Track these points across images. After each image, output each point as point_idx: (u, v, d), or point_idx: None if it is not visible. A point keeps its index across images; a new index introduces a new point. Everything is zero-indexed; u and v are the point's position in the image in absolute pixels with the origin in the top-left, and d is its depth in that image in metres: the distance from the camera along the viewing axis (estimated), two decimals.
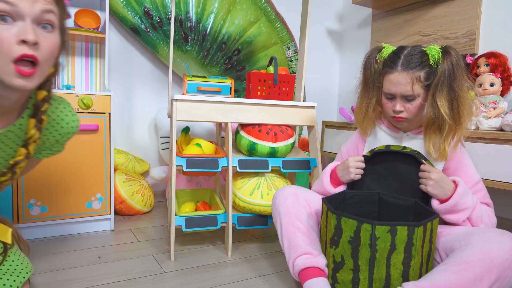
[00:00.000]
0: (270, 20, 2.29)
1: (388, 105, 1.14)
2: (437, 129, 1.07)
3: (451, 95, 1.04)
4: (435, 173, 1.02)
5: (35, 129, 0.87)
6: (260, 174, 1.53)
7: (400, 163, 1.13)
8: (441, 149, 1.07)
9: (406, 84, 1.07)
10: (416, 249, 0.91)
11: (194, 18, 2.07)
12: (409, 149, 1.11)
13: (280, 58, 2.34)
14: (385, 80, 1.12)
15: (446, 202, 1.02)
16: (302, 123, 1.58)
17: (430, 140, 1.09)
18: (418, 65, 1.07)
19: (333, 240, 0.99)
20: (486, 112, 1.61)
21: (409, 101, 1.09)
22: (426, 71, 1.07)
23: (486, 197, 1.11)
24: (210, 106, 1.45)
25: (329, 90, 2.81)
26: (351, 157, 1.17)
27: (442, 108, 1.03)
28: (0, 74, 0.70)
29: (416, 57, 1.08)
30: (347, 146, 1.34)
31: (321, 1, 2.67)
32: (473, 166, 1.13)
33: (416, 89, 1.07)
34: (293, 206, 1.13)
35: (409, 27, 2.25)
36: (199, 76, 1.53)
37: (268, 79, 1.57)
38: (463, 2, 1.96)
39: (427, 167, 1.04)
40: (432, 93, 1.06)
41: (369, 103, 1.21)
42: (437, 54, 1.07)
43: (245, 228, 1.47)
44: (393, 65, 1.10)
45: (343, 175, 1.18)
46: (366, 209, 1.15)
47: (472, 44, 1.92)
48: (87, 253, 1.40)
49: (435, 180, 1.02)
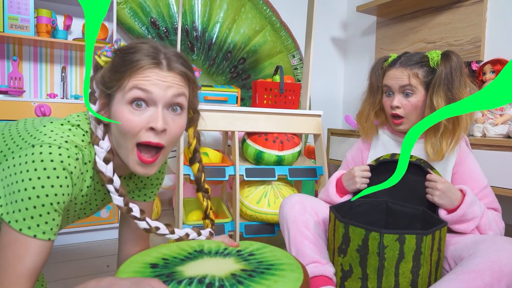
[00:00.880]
0: (275, 28, 2.32)
1: (387, 103, 1.17)
2: (435, 130, 1.09)
3: (449, 97, 1.06)
4: (441, 183, 1.02)
5: (205, 200, 0.94)
6: (267, 182, 1.54)
7: (406, 172, 1.12)
8: (438, 149, 1.09)
9: (403, 77, 1.11)
10: (424, 258, 0.90)
11: (200, 27, 2.10)
12: (415, 157, 1.11)
13: (285, 66, 2.36)
14: (385, 77, 1.17)
15: (454, 212, 1.01)
16: (308, 131, 1.59)
17: (429, 141, 1.11)
18: (417, 63, 1.12)
19: (341, 248, 0.99)
20: (493, 119, 1.61)
21: (406, 97, 1.12)
22: (425, 70, 1.11)
23: (494, 202, 1.11)
24: (217, 115, 1.46)
25: (334, 98, 2.82)
26: (356, 167, 1.17)
27: (438, 109, 1.04)
28: (126, 160, 0.74)
29: (416, 57, 1.13)
30: (352, 153, 1.35)
31: (326, 9, 2.69)
32: (481, 171, 1.12)
33: (413, 82, 1.10)
34: (301, 215, 1.13)
35: (413, 34, 2.25)
36: (206, 86, 1.54)
37: (274, 88, 1.59)
38: (467, 9, 1.97)
39: (433, 177, 1.04)
40: (430, 94, 1.09)
41: (371, 108, 1.24)
42: (437, 56, 1.11)
43: (253, 236, 1.47)
44: (393, 63, 1.16)
45: (348, 185, 1.18)
46: (374, 217, 1.15)
47: (478, 51, 1.92)
48: (95, 261, 1.41)
49: (442, 190, 1.01)
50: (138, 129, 0.70)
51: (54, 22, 1.71)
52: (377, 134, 1.27)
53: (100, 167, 0.73)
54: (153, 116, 0.70)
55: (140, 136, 0.70)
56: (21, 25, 1.59)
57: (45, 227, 0.67)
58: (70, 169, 0.67)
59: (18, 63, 1.77)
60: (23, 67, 1.79)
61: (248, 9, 2.22)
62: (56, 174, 0.65)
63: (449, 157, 1.11)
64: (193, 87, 0.78)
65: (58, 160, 0.66)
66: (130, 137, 0.71)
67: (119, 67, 0.71)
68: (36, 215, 0.65)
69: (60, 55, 1.86)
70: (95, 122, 0.75)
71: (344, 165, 1.36)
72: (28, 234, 0.65)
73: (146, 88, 0.69)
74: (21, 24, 1.59)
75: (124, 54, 0.72)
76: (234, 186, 1.46)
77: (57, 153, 0.66)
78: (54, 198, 0.66)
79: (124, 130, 0.70)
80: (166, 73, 0.71)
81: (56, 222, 0.68)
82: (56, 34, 1.72)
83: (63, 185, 0.67)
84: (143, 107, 0.70)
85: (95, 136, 0.74)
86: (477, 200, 1.03)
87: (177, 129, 0.74)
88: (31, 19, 1.61)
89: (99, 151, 0.73)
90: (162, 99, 0.70)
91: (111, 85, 0.71)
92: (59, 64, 1.86)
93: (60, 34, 1.72)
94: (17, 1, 1.57)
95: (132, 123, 0.69)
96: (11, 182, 0.65)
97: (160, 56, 0.72)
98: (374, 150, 1.26)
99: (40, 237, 0.66)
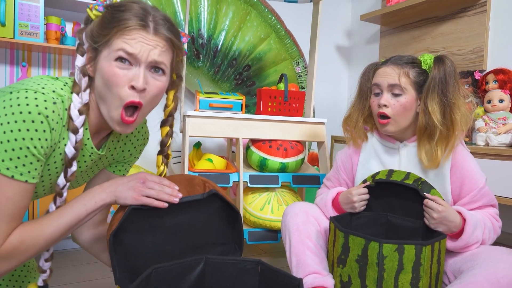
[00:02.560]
0: (280, 36, 2.34)
1: (374, 103, 1.12)
2: (429, 136, 1.06)
3: (443, 101, 1.03)
4: (436, 212, 0.98)
5: (163, 165, 0.92)
6: (271, 189, 1.55)
7: (404, 188, 1.07)
8: (433, 157, 1.05)
9: (393, 75, 1.08)
10: (424, 270, 0.90)
11: (205, 35, 2.13)
12: (412, 178, 1.07)
13: (290, 73, 2.38)
14: (374, 76, 1.13)
15: (456, 242, 0.99)
16: (312, 139, 1.60)
17: (423, 147, 1.07)
18: (408, 63, 1.08)
19: (340, 259, 0.98)
20: (496, 128, 1.62)
21: (395, 97, 1.08)
22: (416, 70, 1.08)
23: (492, 199, 1.08)
24: (221, 122, 1.48)
25: (337, 105, 2.84)
26: (354, 190, 1.11)
27: (433, 114, 1.03)
28: (106, 116, 0.77)
29: (407, 57, 1.10)
30: (342, 158, 1.29)
31: (330, 17, 2.72)
32: (478, 168, 1.08)
33: (403, 82, 1.07)
34: (303, 224, 1.12)
35: (417, 43, 2.27)
36: (211, 93, 1.56)
37: (279, 95, 1.61)
38: (470, 19, 1.99)
39: (430, 203, 0.99)
40: (423, 98, 1.05)
41: (360, 114, 1.20)
42: (430, 59, 1.07)
43: (256, 243, 1.48)
44: (384, 62, 1.13)
45: (347, 208, 1.14)
46: (373, 230, 1.13)
47: (480, 61, 1.94)
48: (103, 265, 1.43)
49: (438, 220, 0.98)
50: (122, 84, 0.73)
51: (63, 29, 1.74)
52: (366, 141, 1.22)
53: (72, 113, 0.75)
54: (135, 76, 0.74)
55: (124, 96, 0.74)
56: (31, 32, 1.63)
57: (22, 169, 0.69)
58: (46, 113, 0.69)
59: (27, 68, 1.80)
60: (32, 72, 1.82)
61: (253, 17, 2.25)
62: (31, 118, 0.67)
63: (444, 162, 1.07)
64: (177, 52, 0.81)
65: (34, 104, 0.68)
66: (115, 92, 0.74)
67: (108, 23, 0.74)
68: (14, 157, 0.68)
69: (68, 61, 1.90)
70: (80, 74, 0.77)
71: (334, 168, 1.30)
72: (6, 175, 0.68)
73: (130, 50, 0.73)
74: (31, 31, 1.63)
75: (114, 11, 0.75)
76: (238, 192, 1.47)
77: (33, 97, 0.68)
78: (30, 142, 0.68)
79: (110, 83, 0.73)
80: (151, 36, 0.74)
81: (34, 166, 0.70)
82: (65, 41, 1.75)
83: (38, 129, 0.69)
84: (126, 65, 0.73)
85: (77, 85, 0.76)
86: (478, 223, 0.99)
87: (156, 90, 0.78)
88: (40, 26, 1.64)
89: (76, 100, 0.75)
90: (144, 60, 0.74)
91: (98, 40, 0.75)
92: (67, 70, 1.90)
93: (69, 40, 1.75)
94: (27, 9, 1.61)
95: (117, 77, 0.73)
96: None
97: (148, 18, 0.75)
98: (363, 154, 1.22)
99: (17, 178, 0.68)
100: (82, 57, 0.78)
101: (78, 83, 0.77)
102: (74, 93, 0.76)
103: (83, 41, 0.78)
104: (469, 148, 1.21)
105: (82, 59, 0.78)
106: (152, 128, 1.04)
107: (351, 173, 1.24)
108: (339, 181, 1.27)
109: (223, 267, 0.83)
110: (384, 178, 1.10)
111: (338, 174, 1.27)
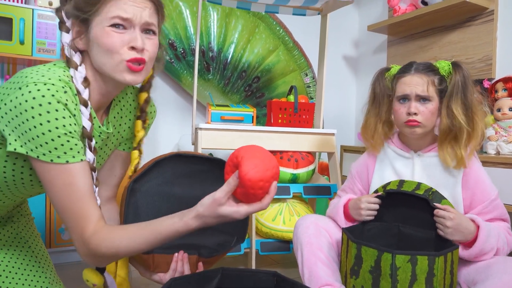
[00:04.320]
0: (288, 48, 2.38)
1: (401, 110, 1.13)
2: (453, 139, 1.09)
3: (466, 104, 1.08)
4: (450, 220, 0.98)
5: (142, 130, 0.94)
6: (282, 200, 1.57)
7: (415, 199, 1.08)
8: (458, 157, 1.07)
9: (421, 84, 1.10)
10: (437, 280, 0.90)
11: (215, 48, 2.17)
12: (423, 188, 1.07)
13: (298, 84, 2.41)
14: (399, 84, 1.14)
15: (470, 249, 0.99)
16: (322, 149, 1.62)
17: (445, 150, 1.09)
18: (431, 70, 1.12)
19: (353, 270, 0.99)
20: (506, 136, 1.62)
21: (423, 104, 1.11)
22: (438, 77, 1.12)
23: (504, 213, 1.08)
24: (233, 134, 1.51)
25: (346, 115, 2.85)
26: (364, 197, 1.13)
27: (458, 115, 1.06)
28: (112, 72, 0.78)
29: (427, 64, 1.14)
30: (357, 168, 1.30)
31: (337, 28, 2.75)
32: (490, 181, 1.10)
33: (431, 91, 1.10)
34: (315, 236, 1.12)
35: (424, 52, 2.29)
36: (222, 105, 1.60)
37: (289, 107, 1.63)
38: (477, 28, 2.00)
39: (441, 213, 1.00)
40: (446, 102, 1.09)
41: (378, 119, 1.21)
42: (447, 66, 1.12)
43: (268, 253, 1.50)
44: (406, 69, 1.14)
45: (354, 214, 1.15)
46: (386, 241, 1.13)
47: (489, 69, 1.94)
48: None
49: (452, 227, 0.98)
50: (120, 47, 0.76)
51: None
52: (383, 146, 1.23)
53: (78, 87, 0.76)
54: (132, 37, 0.77)
55: (126, 56, 0.77)
56: (48, 49, 1.68)
57: (72, 152, 0.72)
58: (63, 101, 0.71)
59: None
60: None
61: (262, 29, 2.29)
62: (54, 108, 0.69)
63: (457, 172, 1.09)
64: (161, 13, 0.85)
65: (49, 94, 0.69)
66: (115, 53, 0.76)
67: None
68: (58, 145, 0.70)
69: None
70: (71, 50, 0.78)
71: (349, 179, 1.31)
72: (61, 162, 0.71)
73: (125, 15, 0.76)
74: (48, 48, 1.68)
75: None
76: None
77: (45, 88, 0.70)
78: (63, 128, 0.71)
79: (109, 47, 0.75)
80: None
81: (80, 145, 0.74)
82: None
83: (65, 116, 0.71)
84: (121, 29, 0.76)
85: (72, 61, 0.77)
86: (491, 229, 1.00)
87: (153, 47, 0.81)
88: (57, 43, 1.69)
89: (77, 75, 0.77)
90: (138, 23, 0.77)
91: (87, 10, 0.76)
92: None
93: None
94: (45, 27, 1.66)
95: (116, 41, 0.76)
96: (18, 124, 0.70)
97: None
98: (379, 164, 1.22)
99: (72, 161, 0.72)
100: (68, 34, 0.79)
101: (72, 59, 0.78)
102: (72, 68, 0.77)
103: (64, 19, 0.79)
104: (480, 157, 1.21)
105: (69, 35, 0.79)
106: None
107: (366, 182, 1.25)
108: (354, 191, 1.28)
109: (239, 279, 0.85)
110: (395, 188, 1.11)
111: (354, 184, 1.28)
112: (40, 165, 0.72)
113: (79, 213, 0.73)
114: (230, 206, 0.72)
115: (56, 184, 0.72)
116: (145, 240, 0.73)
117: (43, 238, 1.54)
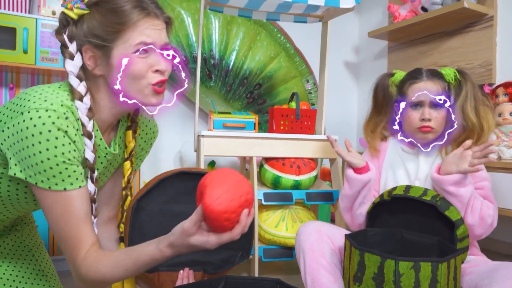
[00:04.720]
0: (289, 55, 2.39)
1: (414, 116, 1.16)
2: (463, 140, 1.12)
3: (476, 106, 1.14)
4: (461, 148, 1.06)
5: (133, 140, 0.94)
6: (285, 206, 1.57)
7: (421, 205, 1.09)
8: None
9: (436, 91, 1.14)
10: (441, 287, 0.90)
11: (217, 55, 2.19)
12: (430, 194, 1.08)
13: (300, 90, 2.42)
14: (411, 90, 1.17)
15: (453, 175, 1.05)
16: (324, 156, 1.63)
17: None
18: (441, 77, 1.17)
19: (357, 276, 0.99)
20: (508, 141, 1.62)
21: (436, 110, 1.15)
22: (446, 84, 1.17)
23: (490, 196, 1.13)
24: (235, 141, 1.52)
25: (347, 121, 2.86)
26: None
27: (473, 118, 1.12)
28: (138, 96, 0.79)
29: (437, 71, 1.19)
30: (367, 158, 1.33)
31: (338, 34, 2.77)
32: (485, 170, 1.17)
33: (443, 98, 1.14)
34: (318, 243, 1.12)
35: (424, 58, 2.30)
36: (225, 112, 1.61)
37: (291, 114, 1.64)
38: (477, 34, 2.01)
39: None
40: (461, 106, 1.14)
41: (378, 124, 1.28)
42: (452, 73, 1.17)
43: (271, 260, 1.50)
44: (417, 76, 1.19)
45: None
46: (389, 247, 1.13)
47: (489, 74, 1.95)
48: None
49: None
50: (146, 72, 0.77)
51: None
52: (386, 140, 1.29)
53: (82, 119, 0.76)
54: (156, 61, 0.78)
55: (151, 80, 0.78)
56: (51, 57, 1.70)
57: (70, 180, 0.72)
58: (64, 129, 0.71)
59: None
60: None
61: (263, 37, 2.31)
62: (53, 136, 0.69)
63: None
64: (170, 27, 0.86)
65: (50, 122, 0.69)
66: (141, 78, 0.77)
67: (113, 18, 0.74)
68: (56, 173, 0.71)
69: None
70: (77, 80, 0.76)
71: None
72: (59, 189, 0.71)
73: (149, 41, 0.77)
74: (51, 57, 1.70)
75: (112, 4, 0.75)
76: (253, 210, 1.49)
77: (46, 115, 0.69)
78: (62, 156, 0.71)
79: (136, 74, 0.76)
80: (156, 21, 0.79)
81: (79, 171, 0.74)
82: None
83: (65, 144, 0.71)
84: (144, 54, 0.77)
85: (77, 92, 0.75)
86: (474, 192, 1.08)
87: (171, 65, 0.83)
88: (60, 52, 1.71)
89: (81, 107, 0.76)
90: (159, 45, 0.79)
91: (108, 37, 0.75)
92: None
93: None
94: (48, 36, 1.68)
95: (142, 68, 0.76)
96: (18, 149, 0.70)
97: (145, 3, 0.77)
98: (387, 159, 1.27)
99: (70, 188, 0.72)
100: (71, 60, 0.76)
101: (76, 90, 0.76)
102: (76, 100, 0.75)
103: (67, 43, 0.75)
104: None
105: (73, 62, 0.76)
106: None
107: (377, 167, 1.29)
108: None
109: (243, 287, 0.85)
110: (402, 193, 1.11)
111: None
112: (38, 191, 0.73)
113: (74, 238, 0.74)
114: (201, 235, 0.68)
115: (53, 210, 0.73)
116: (126, 268, 0.73)
117: (46, 246, 1.55)
